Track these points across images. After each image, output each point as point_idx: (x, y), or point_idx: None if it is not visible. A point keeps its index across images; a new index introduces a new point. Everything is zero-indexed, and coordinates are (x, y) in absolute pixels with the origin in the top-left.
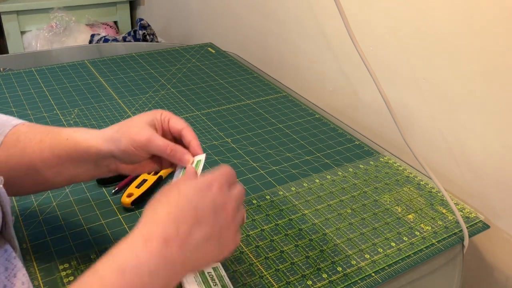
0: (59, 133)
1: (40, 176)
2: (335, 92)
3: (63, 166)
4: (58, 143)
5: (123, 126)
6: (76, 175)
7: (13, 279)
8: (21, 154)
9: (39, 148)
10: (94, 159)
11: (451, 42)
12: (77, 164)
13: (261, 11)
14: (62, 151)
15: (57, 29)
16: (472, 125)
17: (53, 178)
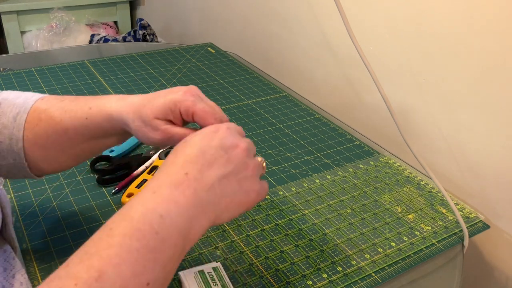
0: (76, 110)
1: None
2: (335, 92)
3: (88, 142)
4: (77, 124)
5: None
6: (103, 146)
7: (12, 279)
8: (45, 132)
9: (62, 128)
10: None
11: (451, 42)
12: (101, 138)
13: (261, 11)
14: (83, 130)
15: (57, 29)
16: (472, 125)
17: (90, 149)
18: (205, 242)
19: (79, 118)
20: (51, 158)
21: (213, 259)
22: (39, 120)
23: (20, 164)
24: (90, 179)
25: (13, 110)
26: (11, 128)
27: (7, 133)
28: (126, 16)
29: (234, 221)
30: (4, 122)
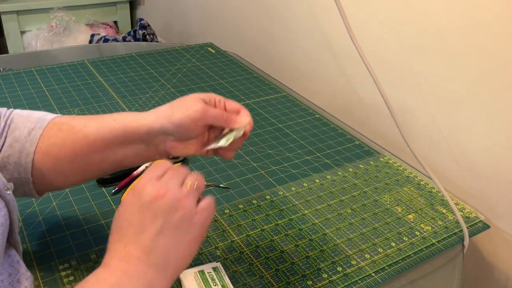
0: (105, 116)
1: (85, 162)
2: (335, 92)
3: (110, 150)
4: (105, 125)
5: (175, 103)
6: (122, 158)
7: (17, 284)
8: (63, 141)
9: (83, 134)
10: (144, 138)
11: (451, 42)
12: (125, 145)
13: (261, 11)
14: (110, 133)
15: (57, 29)
16: (472, 125)
17: (99, 164)
18: (205, 242)
19: (107, 122)
20: (60, 170)
21: (213, 259)
22: (59, 131)
23: (25, 178)
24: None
25: (28, 125)
26: (23, 142)
27: (18, 147)
28: (126, 16)
29: (234, 221)
30: (17, 135)
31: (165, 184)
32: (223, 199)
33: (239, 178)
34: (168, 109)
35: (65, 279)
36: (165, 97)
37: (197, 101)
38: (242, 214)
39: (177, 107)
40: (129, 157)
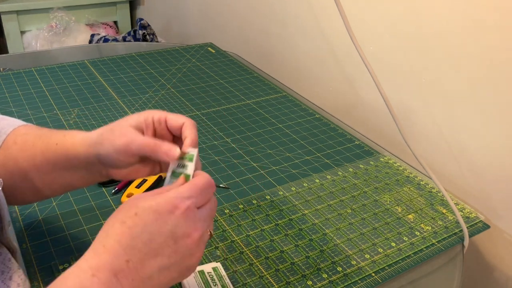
0: (51, 136)
1: (34, 183)
2: (335, 92)
3: (57, 173)
4: (49, 148)
5: (107, 130)
6: (70, 182)
7: (9, 281)
8: (16, 157)
9: (32, 154)
10: (84, 165)
11: (451, 42)
12: (69, 170)
13: (261, 11)
14: (53, 157)
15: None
16: (472, 125)
17: (49, 186)
18: None
19: (50, 144)
20: (14, 187)
21: (213, 259)
22: (14, 143)
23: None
24: None
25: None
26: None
27: None
28: (126, 16)
29: (234, 221)
30: None
31: (203, 224)
32: (223, 199)
33: (239, 178)
34: (99, 137)
35: None
36: (165, 97)
37: (126, 131)
38: (242, 214)
39: (106, 138)
40: (76, 180)
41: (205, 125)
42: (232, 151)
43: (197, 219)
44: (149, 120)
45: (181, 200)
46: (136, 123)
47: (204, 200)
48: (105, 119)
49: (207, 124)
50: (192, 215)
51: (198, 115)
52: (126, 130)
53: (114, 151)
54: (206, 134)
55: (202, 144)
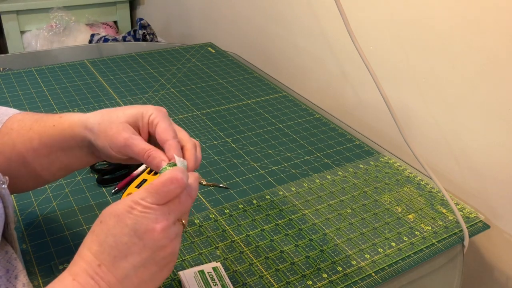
0: (47, 119)
1: (32, 167)
2: (335, 92)
3: (54, 155)
4: (46, 130)
5: (104, 121)
6: (68, 163)
7: (14, 280)
8: (13, 143)
9: (28, 138)
10: (80, 146)
11: (451, 42)
12: (67, 151)
13: (261, 11)
14: (50, 138)
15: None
16: (472, 124)
17: (47, 169)
18: (205, 242)
19: (47, 127)
20: (14, 174)
21: (213, 259)
22: (11, 130)
23: None
24: (90, 179)
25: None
26: None
27: None
28: (126, 15)
29: (234, 221)
30: None
31: (166, 217)
32: (223, 199)
33: (239, 178)
34: (96, 125)
35: None
36: (165, 97)
37: (123, 129)
38: (242, 214)
39: (103, 131)
40: (74, 162)
41: (205, 125)
42: (232, 151)
43: (158, 214)
44: (146, 119)
45: (137, 200)
46: (134, 120)
47: (164, 197)
48: None
49: (207, 124)
50: (151, 211)
51: (198, 115)
52: (123, 129)
53: (108, 146)
54: (206, 134)
55: (202, 144)
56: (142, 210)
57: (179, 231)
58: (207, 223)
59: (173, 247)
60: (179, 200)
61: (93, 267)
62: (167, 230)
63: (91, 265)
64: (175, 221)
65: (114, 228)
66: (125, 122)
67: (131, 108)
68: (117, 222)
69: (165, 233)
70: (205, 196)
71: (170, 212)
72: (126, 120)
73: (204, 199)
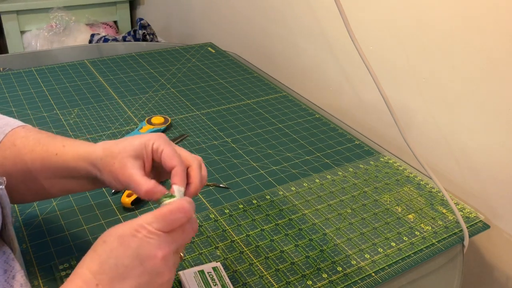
0: (49, 144)
1: (35, 184)
2: (335, 92)
3: (56, 180)
4: (48, 156)
5: (107, 154)
6: (70, 188)
7: (12, 281)
8: (15, 159)
9: (31, 158)
10: (85, 177)
11: (451, 42)
12: (69, 179)
13: (261, 11)
14: (52, 166)
15: (57, 29)
16: (472, 124)
17: (49, 189)
18: (205, 242)
19: (50, 153)
20: (12, 187)
21: (213, 259)
22: (13, 145)
23: None
24: None
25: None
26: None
27: None
28: (126, 15)
29: (234, 221)
30: None
31: (169, 245)
32: (223, 199)
33: (239, 178)
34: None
35: (65, 279)
36: (165, 97)
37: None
38: (242, 214)
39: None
40: (76, 188)
41: (205, 125)
42: (232, 151)
43: (162, 240)
44: (149, 149)
45: (143, 225)
46: (136, 153)
47: (170, 225)
48: (105, 119)
49: (207, 124)
50: (156, 237)
51: (198, 115)
52: (126, 164)
53: (113, 180)
54: (206, 134)
55: (202, 144)
56: (147, 234)
57: (177, 262)
58: (207, 223)
59: (170, 276)
60: (183, 230)
61: (90, 286)
62: (168, 258)
63: (88, 284)
64: (175, 250)
65: (117, 249)
66: (128, 157)
67: (133, 140)
68: (120, 244)
69: (166, 261)
70: (205, 196)
71: (173, 241)
72: (129, 154)
73: (204, 199)
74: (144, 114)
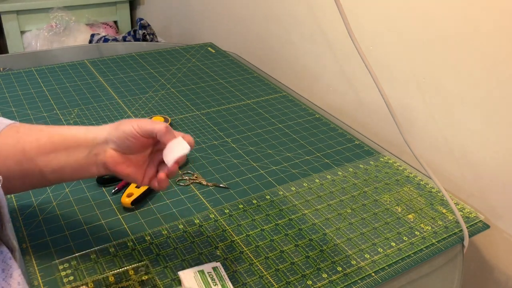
0: (61, 126)
1: (30, 164)
2: (335, 92)
3: (55, 154)
4: (58, 129)
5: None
6: (64, 164)
7: (10, 279)
8: (16, 141)
9: (36, 137)
10: (89, 145)
11: (451, 42)
12: (70, 151)
13: (261, 12)
14: (60, 136)
15: (57, 29)
16: (472, 125)
17: (43, 167)
18: (205, 242)
19: (61, 127)
20: (3, 172)
21: (213, 259)
22: (16, 132)
23: None
24: (90, 179)
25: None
26: None
27: None
28: (126, 15)
29: (234, 221)
30: None
31: None
32: (223, 199)
33: (239, 178)
34: (118, 123)
35: (65, 279)
36: (165, 97)
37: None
38: (242, 214)
39: (127, 121)
40: (70, 165)
41: (205, 125)
42: (232, 151)
43: None
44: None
45: None
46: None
47: None
48: (105, 119)
49: (207, 124)
50: None
51: (198, 115)
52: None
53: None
54: (206, 134)
55: (202, 144)
56: None
57: None
58: (207, 223)
59: None
60: None
61: None
62: None
63: None
64: None
65: None
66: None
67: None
68: None
69: None
70: (205, 196)
71: None
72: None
73: (204, 199)
74: (144, 114)
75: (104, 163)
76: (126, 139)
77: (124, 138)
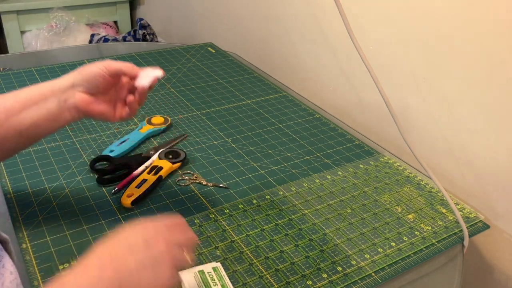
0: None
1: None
2: (335, 92)
3: (26, 111)
4: (23, 90)
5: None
6: (37, 121)
7: (2, 269)
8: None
9: (3, 101)
10: (56, 94)
11: (451, 42)
12: (39, 105)
13: (261, 11)
14: (26, 95)
15: (57, 29)
16: (472, 125)
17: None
18: (205, 242)
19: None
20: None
21: (213, 259)
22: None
23: None
24: (90, 179)
25: None
26: None
27: None
28: (126, 15)
29: (234, 221)
30: None
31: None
32: (223, 199)
33: (239, 178)
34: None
35: None
36: (165, 97)
37: None
38: (242, 214)
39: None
40: (43, 119)
41: (205, 125)
42: (232, 151)
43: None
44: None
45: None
46: None
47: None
48: None
49: (207, 124)
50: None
51: (198, 115)
52: None
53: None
54: (206, 134)
55: (202, 144)
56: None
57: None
58: (207, 223)
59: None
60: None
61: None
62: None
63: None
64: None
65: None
66: None
67: None
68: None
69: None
70: (205, 196)
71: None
72: None
73: (204, 199)
74: (144, 114)
75: (76, 106)
76: (94, 79)
77: (92, 78)
